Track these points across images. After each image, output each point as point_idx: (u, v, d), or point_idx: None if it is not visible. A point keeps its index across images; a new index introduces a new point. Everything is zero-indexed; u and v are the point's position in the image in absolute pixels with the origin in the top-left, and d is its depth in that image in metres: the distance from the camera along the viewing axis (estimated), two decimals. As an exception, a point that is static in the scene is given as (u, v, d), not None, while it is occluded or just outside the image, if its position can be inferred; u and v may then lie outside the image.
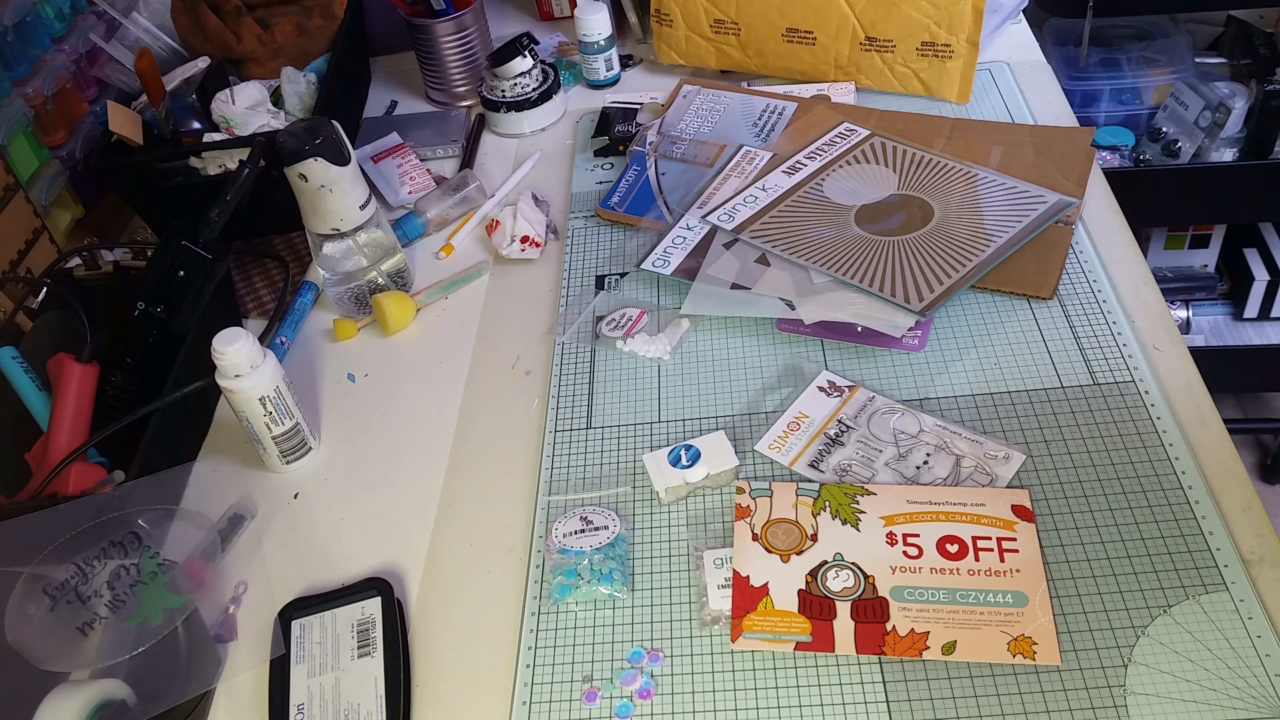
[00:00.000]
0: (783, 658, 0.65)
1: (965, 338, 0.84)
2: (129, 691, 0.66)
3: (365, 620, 0.71)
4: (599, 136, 1.14)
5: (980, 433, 0.76)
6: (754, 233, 0.94)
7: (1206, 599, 0.64)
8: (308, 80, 1.15)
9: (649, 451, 0.79)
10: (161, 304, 0.91)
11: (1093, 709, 0.60)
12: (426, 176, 1.13)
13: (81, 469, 0.79)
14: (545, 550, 0.74)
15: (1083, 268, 0.89)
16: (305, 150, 0.87)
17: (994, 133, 1.03)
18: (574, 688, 0.66)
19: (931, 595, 0.66)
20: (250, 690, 0.69)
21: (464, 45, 1.22)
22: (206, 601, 0.73)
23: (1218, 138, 1.52)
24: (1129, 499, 0.71)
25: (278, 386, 0.79)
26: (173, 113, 1.11)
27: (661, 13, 1.18)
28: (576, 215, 1.05)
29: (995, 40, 1.19)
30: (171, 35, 1.20)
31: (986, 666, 0.63)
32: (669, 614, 0.69)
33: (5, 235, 0.97)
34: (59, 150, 1.09)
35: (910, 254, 0.89)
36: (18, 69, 1.04)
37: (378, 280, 0.97)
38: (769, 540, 0.71)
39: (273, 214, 1.03)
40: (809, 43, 1.13)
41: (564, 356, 0.90)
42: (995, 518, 0.70)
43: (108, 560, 0.69)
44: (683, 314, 0.91)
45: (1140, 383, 0.78)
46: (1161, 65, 1.56)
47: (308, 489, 0.83)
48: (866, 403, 0.80)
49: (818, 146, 1.03)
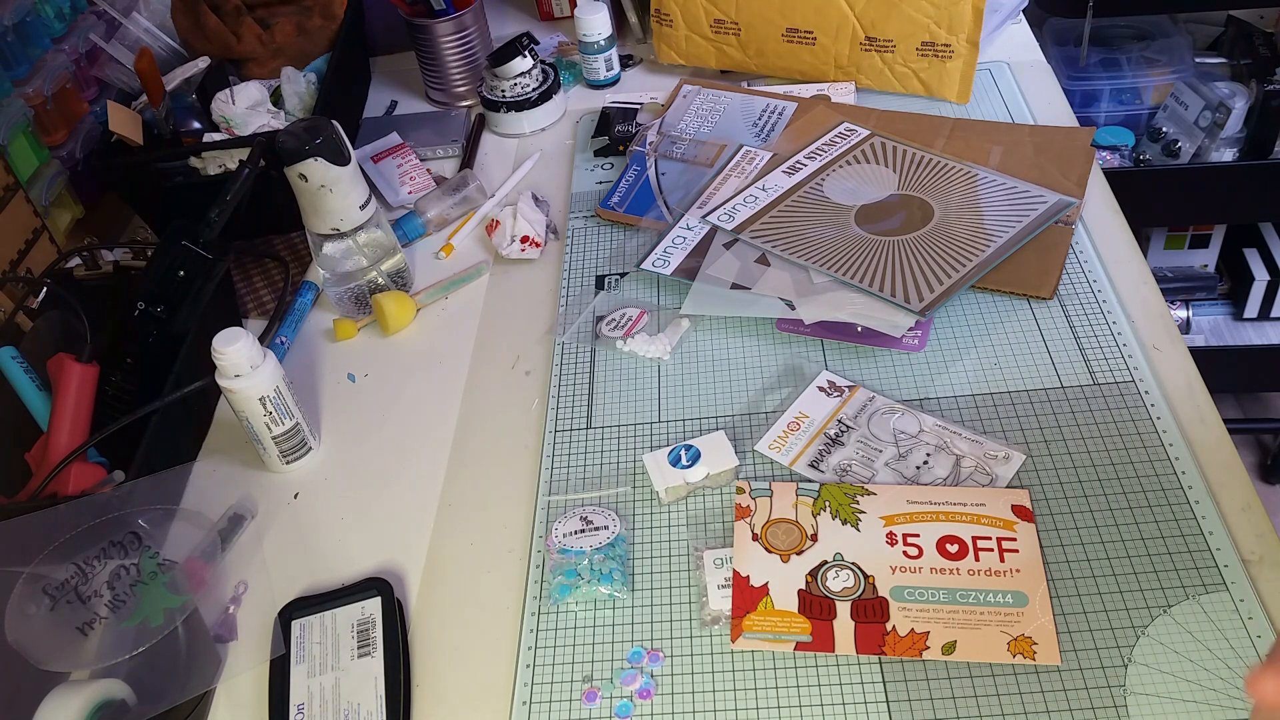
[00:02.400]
0: (783, 658, 0.65)
1: (965, 338, 0.84)
2: (129, 691, 0.66)
3: (365, 620, 0.71)
4: (599, 136, 1.14)
5: (980, 433, 0.76)
6: (754, 233, 0.94)
7: (1206, 599, 0.64)
8: (308, 80, 1.15)
9: (649, 451, 0.79)
10: (161, 304, 0.91)
11: (1093, 709, 0.60)
12: (426, 176, 1.13)
13: (81, 469, 0.79)
14: (545, 550, 0.74)
15: (1083, 268, 0.89)
16: (305, 150, 0.87)
17: (994, 133, 1.03)
18: (574, 688, 0.66)
19: (931, 595, 0.66)
20: (250, 690, 0.69)
21: (464, 45, 1.22)
22: (206, 601, 0.73)
23: (1218, 138, 1.52)
24: (1129, 499, 0.71)
25: (278, 386, 0.79)
26: (173, 113, 1.11)
27: (661, 13, 1.18)
28: (576, 215, 1.05)
29: (995, 40, 1.19)
30: (171, 35, 1.20)
31: (986, 666, 0.63)
32: (669, 614, 0.69)
33: (5, 235, 0.97)
34: (59, 150, 1.09)
35: (910, 254, 0.89)
36: (18, 69, 1.04)
37: (378, 280, 0.97)
38: (769, 540, 0.71)
39: (273, 214, 1.03)
40: (809, 43, 1.13)
41: (564, 356, 0.90)
42: (995, 518, 0.70)
43: (108, 560, 0.69)
44: (683, 314, 0.91)
45: (1140, 383, 0.78)
46: (1161, 65, 1.56)
47: (308, 489, 0.83)
48: (866, 403, 0.80)
49: (818, 146, 1.03)
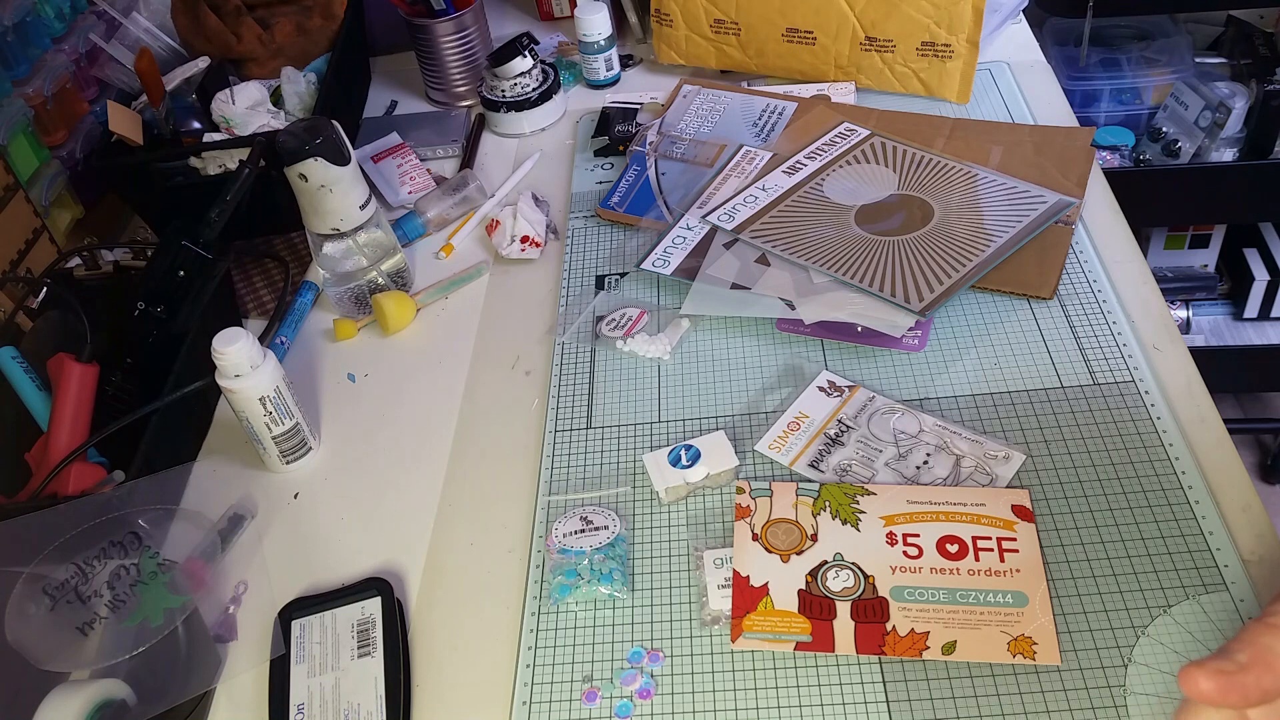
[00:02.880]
0: (783, 658, 0.65)
1: (965, 338, 0.84)
2: (129, 691, 0.66)
3: (365, 620, 0.71)
4: (599, 136, 1.14)
5: (980, 433, 0.76)
6: (754, 233, 0.94)
7: (1206, 599, 0.64)
8: (308, 80, 1.15)
9: (649, 451, 0.79)
10: (161, 304, 0.91)
11: (1093, 709, 0.60)
12: (426, 176, 1.13)
13: (81, 469, 0.79)
14: (545, 550, 0.74)
15: (1083, 268, 0.89)
16: (305, 150, 0.87)
17: (994, 133, 1.03)
18: (574, 688, 0.66)
19: (931, 595, 0.66)
20: (250, 690, 0.69)
21: (464, 45, 1.22)
22: (206, 601, 0.73)
23: (1218, 138, 1.52)
24: (1129, 499, 0.71)
25: (278, 386, 0.79)
26: (173, 113, 1.11)
27: (661, 13, 1.18)
28: (576, 215, 1.05)
29: (995, 40, 1.19)
30: (171, 35, 1.20)
31: (986, 666, 0.63)
32: (669, 614, 0.69)
33: (5, 235, 0.97)
34: (59, 150, 1.09)
35: (910, 254, 0.89)
36: (18, 69, 1.04)
37: (378, 280, 0.97)
38: (769, 540, 0.71)
39: (273, 214, 1.03)
40: (809, 43, 1.13)
41: (564, 356, 0.90)
42: (995, 518, 0.70)
43: (108, 560, 0.69)
44: (683, 314, 0.91)
45: (1140, 383, 0.78)
46: (1161, 65, 1.56)
47: (308, 489, 0.83)
48: (866, 403, 0.80)
49: (818, 146, 1.03)
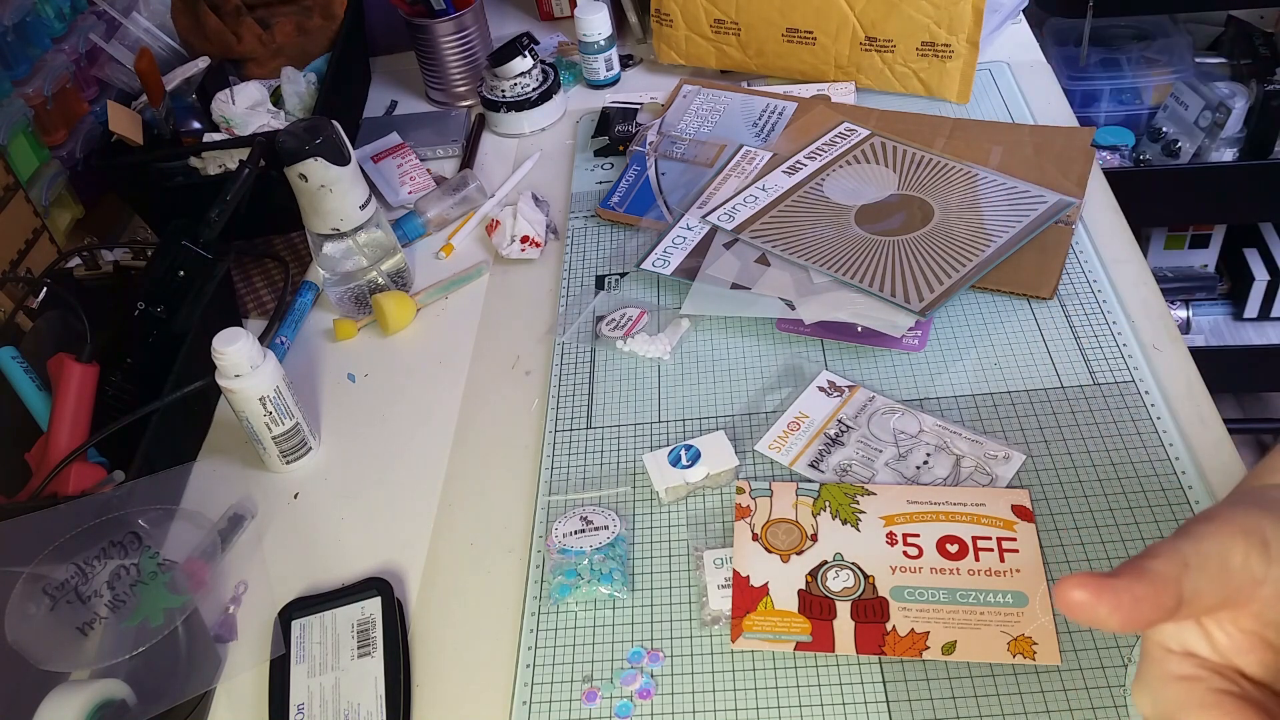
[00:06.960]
0: (783, 658, 0.65)
1: (965, 338, 0.84)
2: (129, 691, 0.66)
3: (365, 620, 0.71)
4: (599, 136, 1.14)
5: (980, 433, 0.76)
6: (754, 233, 0.94)
7: (1206, 599, 0.64)
8: (308, 80, 1.15)
9: (649, 451, 0.78)
10: (161, 304, 0.91)
11: (1093, 709, 0.60)
12: (426, 176, 1.13)
13: (81, 469, 0.79)
14: (545, 550, 0.74)
15: (1083, 268, 0.89)
16: (305, 150, 0.87)
17: (994, 133, 1.03)
18: (574, 688, 0.66)
19: (931, 595, 0.66)
20: (250, 690, 0.69)
21: (464, 45, 1.22)
22: (206, 601, 0.73)
23: (1218, 138, 1.52)
24: (1129, 499, 0.71)
25: (278, 386, 0.79)
26: (173, 113, 1.11)
27: (661, 13, 1.18)
28: (576, 215, 1.05)
29: (995, 40, 1.19)
30: (171, 35, 1.20)
31: (986, 666, 0.63)
32: (669, 614, 0.69)
33: (5, 235, 0.97)
34: (59, 150, 1.09)
35: (910, 254, 0.89)
36: (18, 69, 1.04)
37: (378, 280, 0.97)
38: (769, 540, 0.71)
39: (273, 214, 1.03)
40: (809, 43, 1.13)
41: (564, 356, 0.90)
42: (995, 518, 0.70)
43: (108, 560, 0.69)
44: (683, 314, 0.91)
45: (1140, 383, 0.78)
46: (1161, 65, 1.56)
47: (308, 489, 0.83)
48: (866, 403, 0.80)
49: (818, 146, 1.03)
